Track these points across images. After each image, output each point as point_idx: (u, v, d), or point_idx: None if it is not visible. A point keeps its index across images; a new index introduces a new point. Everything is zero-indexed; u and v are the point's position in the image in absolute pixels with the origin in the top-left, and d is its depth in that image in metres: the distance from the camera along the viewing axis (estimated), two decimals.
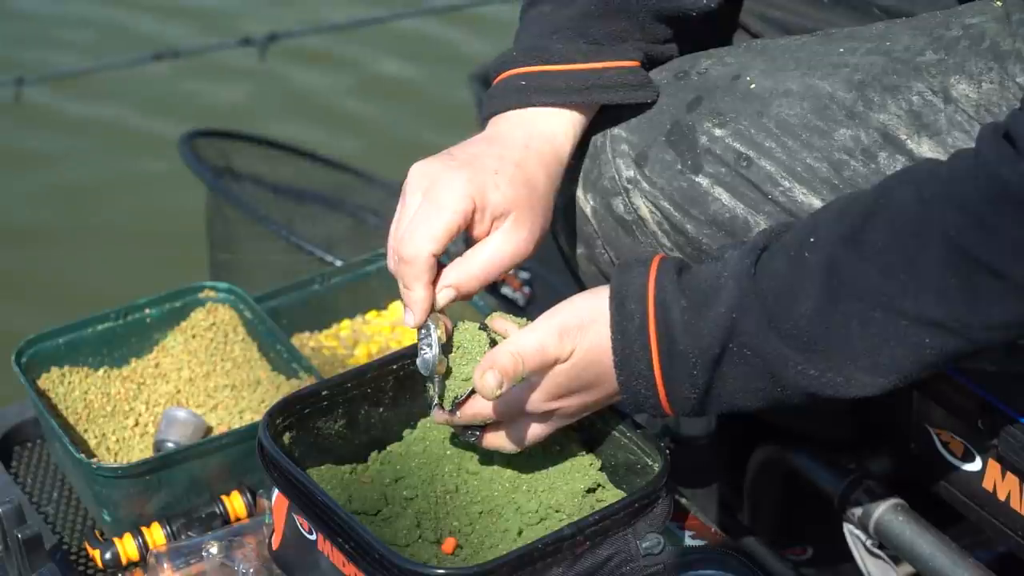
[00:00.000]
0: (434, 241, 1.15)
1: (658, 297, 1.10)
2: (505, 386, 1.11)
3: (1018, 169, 0.96)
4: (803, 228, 1.08)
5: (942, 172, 1.01)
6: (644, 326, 1.10)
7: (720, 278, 1.08)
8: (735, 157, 1.22)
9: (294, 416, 1.25)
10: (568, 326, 1.12)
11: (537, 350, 1.12)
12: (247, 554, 1.39)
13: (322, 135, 3.89)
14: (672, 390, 1.10)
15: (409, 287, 1.16)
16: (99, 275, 3.38)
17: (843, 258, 1.03)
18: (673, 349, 1.09)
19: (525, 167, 1.20)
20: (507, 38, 1.34)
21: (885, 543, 1.46)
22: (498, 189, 1.17)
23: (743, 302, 1.06)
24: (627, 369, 1.11)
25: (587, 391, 1.15)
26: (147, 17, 4.72)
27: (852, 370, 1.05)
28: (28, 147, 3.99)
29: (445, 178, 1.16)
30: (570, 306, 1.14)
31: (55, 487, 1.61)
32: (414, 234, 1.16)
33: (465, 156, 1.19)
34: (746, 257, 1.08)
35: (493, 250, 1.18)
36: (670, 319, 1.08)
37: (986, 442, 1.32)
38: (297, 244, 2.46)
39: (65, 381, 1.61)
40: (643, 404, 1.13)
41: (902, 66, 1.19)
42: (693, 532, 1.35)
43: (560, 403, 1.15)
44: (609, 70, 1.24)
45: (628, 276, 1.12)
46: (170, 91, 4.21)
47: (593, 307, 1.13)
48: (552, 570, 1.13)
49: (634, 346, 1.10)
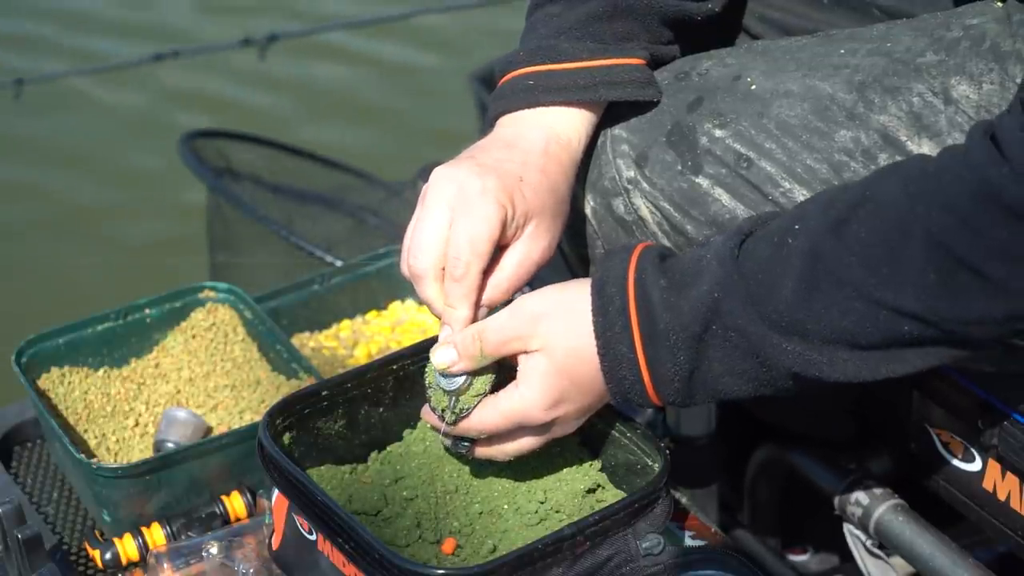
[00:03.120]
0: (482, 257, 1.14)
1: (638, 280, 1.09)
2: (459, 365, 1.12)
3: (1003, 171, 0.96)
4: (789, 216, 1.08)
5: (930, 169, 1.02)
6: (624, 307, 1.09)
7: (702, 260, 1.08)
8: (735, 158, 1.22)
9: (294, 416, 1.25)
10: (534, 311, 1.12)
11: (495, 329, 1.12)
12: (247, 554, 1.39)
13: (322, 135, 3.90)
14: (656, 372, 1.10)
15: (455, 306, 1.14)
16: (99, 275, 3.38)
17: (826, 246, 1.03)
18: (654, 330, 1.08)
19: (548, 173, 1.20)
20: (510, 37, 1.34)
21: (885, 543, 1.46)
22: (524, 197, 1.17)
23: (726, 282, 1.06)
24: (610, 353, 1.10)
25: (580, 393, 1.14)
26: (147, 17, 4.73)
27: (833, 352, 1.05)
28: (28, 147, 3.99)
29: (476, 187, 1.14)
30: (538, 295, 1.14)
31: (55, 487, 1.61)
32: (460, 250, 1.13)
33: (491, 162, 1.18)
34: (729, 240, 1.08)
35: (520, 259, 1.17)
36: (650, 300, 1.08)
37: (986, 442, 1.32)
38: (297, 244, 2.47)
39: (65, 381, 1.61)
40: (629, 391, 1.12)
41: (903, 67, 1.19)
42: (693, 532, 1.35)
43: (558, 411, 1.14)
44: (616, 67, 1.24)
45: (610, 263, 1.12)
46: (170, 91, 4.21)
47: (562, 297, 1.13)
48: (552, 570, 1.13)
49: (615, 327, 1.09)
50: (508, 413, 1.14)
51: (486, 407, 1.15)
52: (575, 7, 1.26)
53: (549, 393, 1.13)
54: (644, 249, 1.12)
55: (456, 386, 1.15)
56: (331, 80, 4.43)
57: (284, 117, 4.12)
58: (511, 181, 1.16)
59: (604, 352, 1.11)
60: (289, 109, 4.22)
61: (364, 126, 4.14)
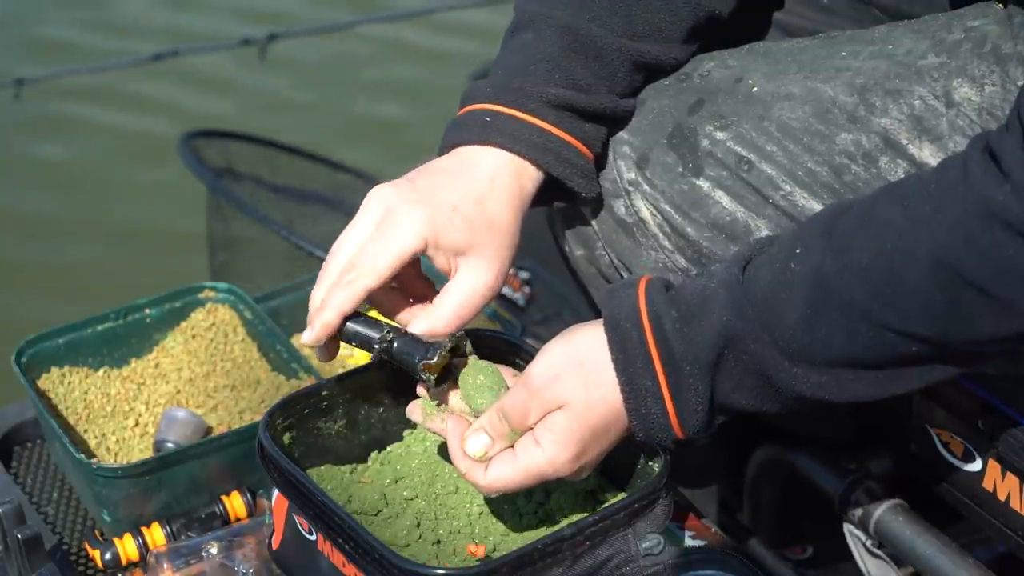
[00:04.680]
0: (378, 276, 1.15)
1: (651, 312, 1.09)
2: (495, 448, 1.11)
3: (1005, 190, 0.96)
4: (788, 240, 1.07)
5: (930, 187, 1.01)
6: (643, 340, 1.08)
7: (707, 290, 1.08)
8: (736, 160, 1.22)
9: (294, 416, 1.25)
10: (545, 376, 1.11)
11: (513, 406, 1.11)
12: (247, 554, 1.39)
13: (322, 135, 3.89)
14: (679, 402, 1.09)
15: (327, 307, 1.16)
16: (99, 275, 3.38)
17: (828, 270, 1.03)
18: (672, 360, 1.08)
19: (486, 204, 1.19)
20: None
21: (885, 543, 1.46)
22: (456, 228, 1.17)
23: (735, 307, 1.06)
24: (634, 389, 1.09)
25: (598, 442, 1.12)
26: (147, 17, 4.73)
27: (840, 374, 1.06)
28: (27, 147, 3.99)
29: (402, 211, 1.16)
30: (542, 359, 1.12)
31: (55, 487, 1.61)
32: (360, 261, 1.16)
33: (427, 188, 1.18)
34: (733, 266, 1.08)
35: (460, 293, 1.18)
36: (664, 331, 1.08)
37: (986, 442, 1.32)
38: (297, 244, 2.47)
39: (65, 381, 1.61)
40: (653, 426, 1.10)
41: (904, 70, 1.19)
42: (693, 532, 1.35)
43: (580, 462, 1.12)
44: (571, 147, 1.23)
45: (617, 301, 1.11)
46: (170, 91, 4.21)
47: (566, 351, 1.12)
48: (552, 570, 1.13)
49: (636, 363, 1.09)
50: (529, 470, 1.12)
51: (505, 463, 1.12)
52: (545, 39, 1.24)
53: (570, 448, 1.11)
54: (648, 282, 1.11)
55: None
56: (331, 80, 4.43)
57: (284, 117, 4.12)
58: (442, 211, 1.17)
59: (628, 389, 1.10)
60: (289, 109, 4.22)
61: (364, 126, 4.14)
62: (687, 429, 1.11)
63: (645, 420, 1.10)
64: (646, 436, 1.12)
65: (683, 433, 1.11)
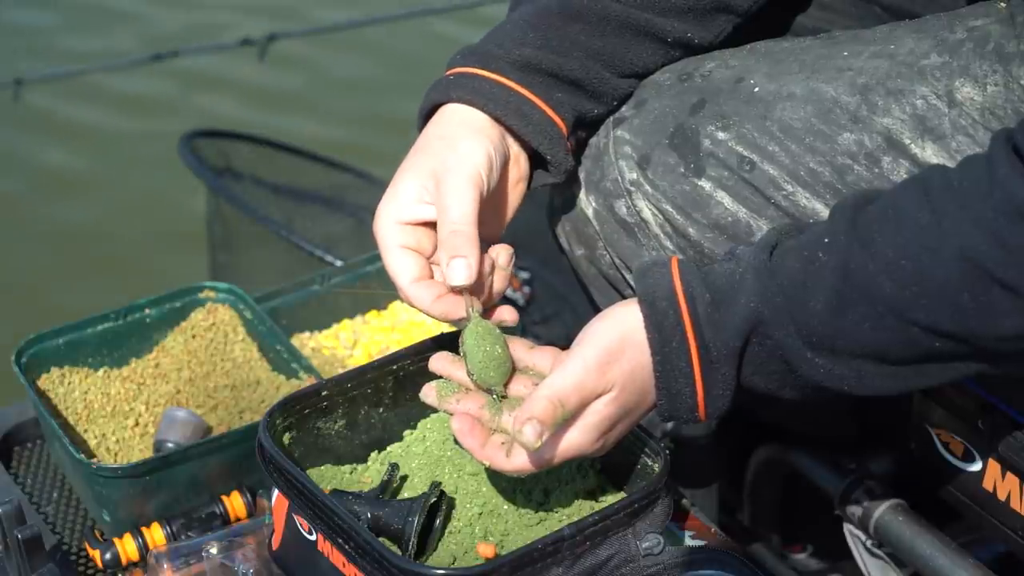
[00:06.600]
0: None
1: (687, 293, 1.08)
2: (546, 435, 1.08)
3: None
4: (816, 229, 1.07)
5: (954, 183, 1.01)
6: (679, 321, 1.08)
7: (735, 274, 1.08)
8: (738, 161, 1.22)
9: (294, 416, 1.25)
10: (601, 358, 1.09)
11: (575, 389, 1.09)
12: (247, 554, 1.39)
13: (323, 135, 3.89)
14: (708, 385, 1.09)
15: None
16: (99, 275, 3.38)
17: (856, 264, 1.03)
18: (703, 342, 1.08)
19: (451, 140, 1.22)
20: None
21: (885, 543, 1.46)
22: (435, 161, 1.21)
23: (764, 294, 1.06)
24: (668, 369, 1.09)
25: (630, 415, 1.13)
26: (147, 17, 4.72)
27: (861, 366, 1.06)
28: (27, 147, 3.99)
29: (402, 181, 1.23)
30: (594, 337, 1.11)
31: (55, 487, 1.61)
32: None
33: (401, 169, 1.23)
34: (761, 252, 1.08)
35: None
36: (698, 314, 1.08)
37: (986, 442, 1.32)
38: (297, 244, 2.47)
39: (65, 381, 1.61)
40: (679, 407, 1.10)
41: (906, 69, 1.19)
42: (693, 532, 1.35)
43: (607, 437, 1.13)
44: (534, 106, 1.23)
45: (651, 279, 1.10)
46: (170, 91, 4.21)
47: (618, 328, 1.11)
48: (552, 570, 1.13)
49: (672, 342, 1.08)
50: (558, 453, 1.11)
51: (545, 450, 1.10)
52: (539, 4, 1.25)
53: (600, 429, 1.11)
54: (680, 262, 1.11)
55: None
56: (331, 80, 4.42)
57: (284, 117, 4.12)
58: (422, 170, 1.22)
59: (662, 369, 1.09)
60: (289, 109, 4.22)
61: (364, 126, 4.13)
62: (711, 412, 1.11)
63: (673, 401, 1.10)
64: (670, 415, 1.12)
65: (706, 416, 1.11)
